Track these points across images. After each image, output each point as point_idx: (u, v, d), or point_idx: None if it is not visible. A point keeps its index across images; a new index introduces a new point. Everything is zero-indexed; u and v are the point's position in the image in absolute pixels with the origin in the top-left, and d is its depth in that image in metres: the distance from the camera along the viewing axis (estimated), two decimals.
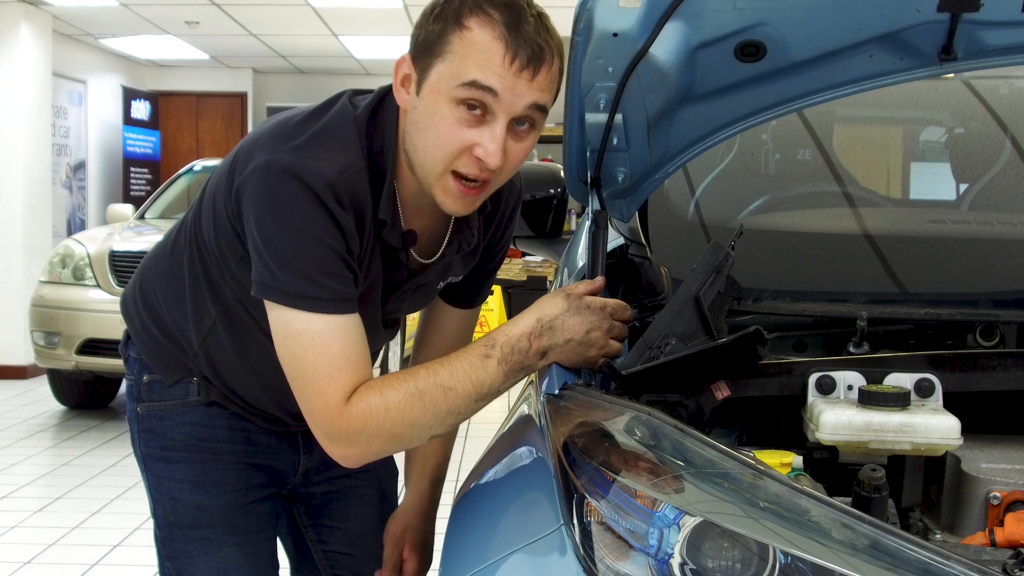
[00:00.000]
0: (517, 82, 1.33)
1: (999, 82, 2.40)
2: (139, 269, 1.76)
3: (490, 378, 1.38)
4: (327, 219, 1.35)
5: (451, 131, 1.35)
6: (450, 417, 1.38)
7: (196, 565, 1.71)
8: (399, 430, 1.36)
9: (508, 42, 1.31)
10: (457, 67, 1.32)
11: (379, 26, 9.33)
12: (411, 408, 1.35)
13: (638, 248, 1.96)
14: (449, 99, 1.34)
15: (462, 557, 1.33)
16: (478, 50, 1.31)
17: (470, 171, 1.38)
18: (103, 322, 6.16)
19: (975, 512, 1.42)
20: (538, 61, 1.33)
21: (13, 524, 4.51)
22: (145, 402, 1.72)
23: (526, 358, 1.40)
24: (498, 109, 1.34)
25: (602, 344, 1.44)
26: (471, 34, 1.32)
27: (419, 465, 1.82)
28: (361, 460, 1.41)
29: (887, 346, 1.78)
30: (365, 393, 1.36)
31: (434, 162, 1.38)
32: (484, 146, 1.35)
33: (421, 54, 1.37)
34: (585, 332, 1.42)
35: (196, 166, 8.21)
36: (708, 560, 1.01)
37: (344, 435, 1.37)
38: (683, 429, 1.21)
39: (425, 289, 1.64)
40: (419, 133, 1.39)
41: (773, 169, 2.50)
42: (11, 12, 8.06)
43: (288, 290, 1.36)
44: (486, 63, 1.31)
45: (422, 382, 1.36)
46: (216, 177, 1.54)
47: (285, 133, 1.43)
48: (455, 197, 1.41)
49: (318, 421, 1.38)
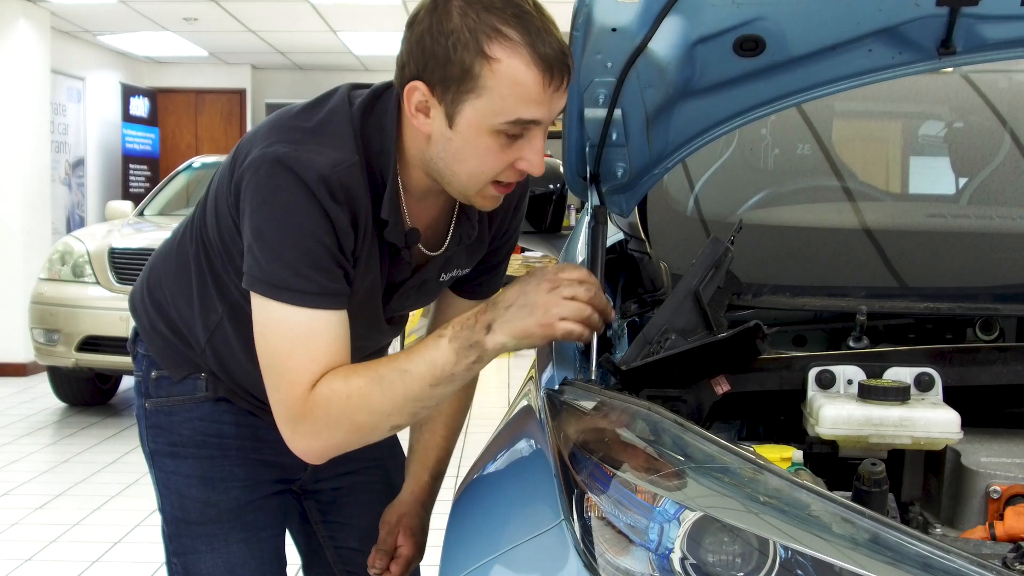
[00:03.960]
0: (554, 98, 1.34)
1: (998, 76, 2.40)
2: (147, 266, 1.77)
3: (442, 356, 1.36)
4: (318, 213, 1.36)
5: (497, 157, 1.37)
6: (408, 403, 1.37)
7: (203, 561, 1.71)
8: (359, 417, 1.37)
9: (542, 66, 1.30)
10: (498, 105, 1.32)
11: (378, 22, 9.32)
12: (370, 392, 1.35)
13: (637, 243, 1.96)
14: (491, 132, 1.34)
15: (463, 553, 1.33)
16: (515, 82, 1.31)
17: (512, 179, 1.41)
18: (103, 319, 6.16)
19: (975, 506, 1.42)
20: (566, 68, 1.34)
21: (14, 521, 4.51)
22: (153, 398, 1.72)
23: (473, 333, 1.36)
24: (538, 127, 1.36)
25: (544, 304, 1.35)
26: (502, 67, 1.30)
27: (420, 457, 1.83)
28: (323, 453, 1.42)
29: (887, 340, 1.78)
30: (330, 378, 1.36)
31: (478, 183, 1.40)
32: (528, 159, 1.37)
33: (443, 85, 1.34)
34: (522, 295, 1.36)
35: (195, 162, 8.21)
36: (708, 555, 1.01)
37: (307, 422, 1.37)
38: (683, 424, 1.21)
39: (428, 285, 1.64)
40: (458, 163, 1.39)
41: (772, 164, 2.50)
42: (9, 9, 8.05)
43: (273, 282, 1.36)
44: (527, 96, 1.32)
45: (383, 367, 1.37)
46: (219, 172, 1.55)
47: (283, 126, 1.44)
48: (493, 199, 1.44)
49: (285, 409, 1.39)
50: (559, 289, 1.36)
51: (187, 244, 1.64)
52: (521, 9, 1.31)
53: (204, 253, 1.59)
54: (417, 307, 1.73)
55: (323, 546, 1.92)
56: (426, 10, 1.35)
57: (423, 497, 1.82)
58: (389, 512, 1.80)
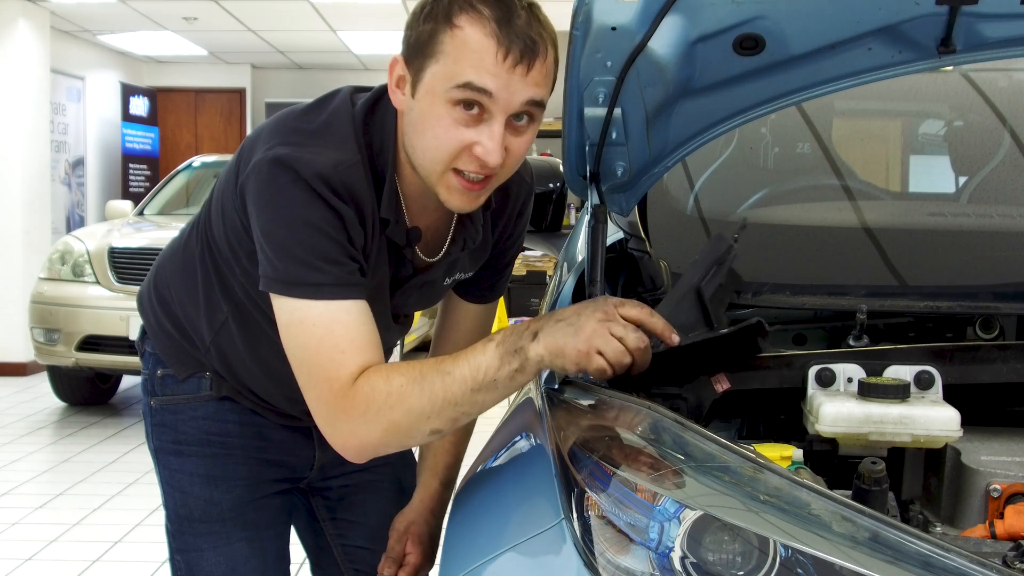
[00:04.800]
0: (512, 79, 1.32)
1: (998, 75, 2.40)
2: (154, 265, 1.78)
3: (486, 360, 1.31)
4: (323, 207, 1.36)
5: (449, 132, 1.34)
6: (448, 407, 1.32)
7: (205, 559, 1.71)
8: (397, 417, 1.33)
9: (500, 39, 1.30)
10: (451, 68, 1.32)
11: (377, 21, 9.32)
12: (410, 392, 1.31)
13: (637, 242, 1.96)
14: (445, 100, 1.33)
15: (463, 552, 1.33)
16: (470, 49, 1.31)
17: (471, 168, 1.37)
18: (103, 318, 6.16)
19: (975, 504, 1.42)
20: (532, 55, 1.32)
21: (14, 521, 4.52)
22: (159, 396, 1.73)
23: (520, 339, 1.31)
24: (495, 108, 1.33)
25: (589, 333, 1.29)
26: (462, 33, 1.31)
27: (430, 464, 1.82)
28: (362, 451, 1.38)
29: (887, 339, 1.78)
30: (371, 375, 1.34)
31: (434, 162, 1.38)
32: (483, 145, 1.34)
33: (413, 55, 1.36)
34: (575, 314, 1.32)
35: (195, 162, 8.21)
36: (709, 553, 1.01)
37: (346, 419, 1.35)
38: (683, 422, 1.21)
39: (431, 286, 1.64)
40: (417, 135, 1.38)
41: (772, 163, 2.50)
42: (9, 9, 8.05)
43: (288, 279, 1.36)
44: (479, 63, 1.30)
45: (425, 367, 1.34)
46: (224, 174, 1.56)
47: (285, 128, 1.44)
48: (459, 193, 1.40)
49: (323, 405, 1.37)
50: (612, 324, 1.30)
51: (193, 244, 1.65)
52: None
53: (209, 253, 1.60)
54: (420, 307, 1.73)
55: (331, 544, 1.92)
56: None
57: (432, 505, 1.81)
58: (399, 519, 1.80)
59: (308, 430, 1.77)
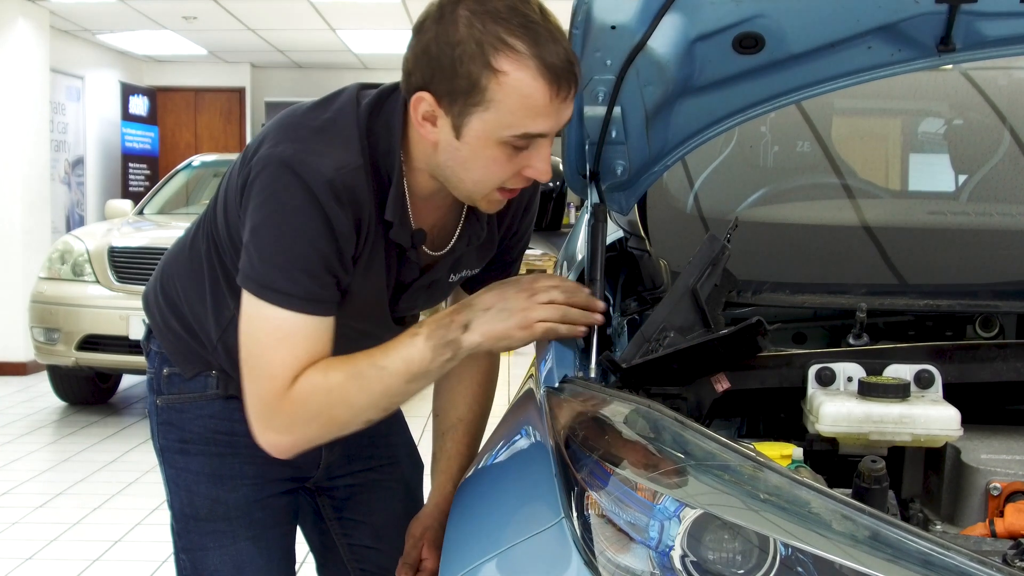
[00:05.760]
0: (562, 109, 1.35)
1: (998, 73, 2.40)
2: (160, 264, 1.78)
3: (419, 353, 1.41)
4: (319, 219, 1.37)
5: (503, 167, 1.38)
6: (384, 399, 1.42)
7: (210, 558, 1.71)
8: (337, 412, 1.41)
9: (549, 78, 1.30)
10: (506, 118, 1.32)
11: (377, 20, 9.32)
12: (349, 388, 1.40)
13: (637, 241, 1.96)
14: (499, 143, 1.35)
15: (463, 551, 1.33)
16: (523, 95, 1.31)
17: (518, 185, 1.42)
18: (103, 318, 6.16)
19: (975, 503, 1.42)
20: (573, 78, 1.33)
21: (14, 520, 4.52)
22: (165, 395, 1.73)
23: (449, 331, 1.43)
24: (547, 133, 1.37)
25: (522, 308, 1.43)
26: (508, 79, 1.30)
27: (444, 467, 1.81)
28: (293, 449, 1.45)
29: (887, 338, 1.78)
30: (309, 373, 1.39)
31: (484, 189, 1.42)
32: (535, 167, 1.38)
33: (450, 98, 1.34)
34: (500, 299, 1.44)
35: (194, 161, 8.20)
36: (709, 552, 1.01)
37: (282, 417, 1.41)
38: (683, 421, 1.21)
39: (437, 285, 1.64)
40: (465, 171, 1.40)
41: (772, 161, 2.50)
42: (8, 8, 8.05)
43: (263, 282, 1.39)
44: (535, 110, 1.32)
45: (360, 363, 1.41)
46: (230, 171, 1.56)
47: (290, 125, 1.45)
48: (497, 203, 1.46)
49: (260, 401, 1.41)
50: (536, 296, 1.45)
51: (199, 242, 1.65)
52: (528, 19, 1.30)
53: (215, 250, 1.60)
54: (427, 307, 1.74)
55: (337, 544, 1.92)
56: (432, 19, 1.34)
57: (447, 508, 1.80)
58: (414, 524, 1.79)
59: None
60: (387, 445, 1.87)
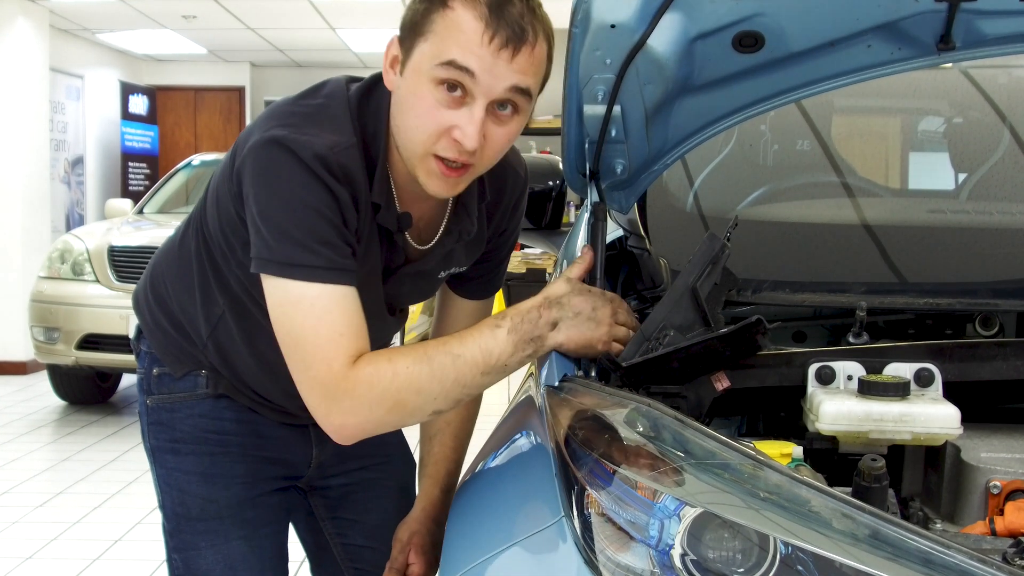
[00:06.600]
0: (496, 63, 1.32)
1: (997, 71, 2.39)
2: (150, 264, 1.78)
3: (499, 346, 1.38)
4: (320, 188, 1.36)
5: (430, 112, 1.35)
6: (456, 388, 1.38)
7: (203, 557, 1.71)
8: (404, 396, 1.35)
9: (488, 21, 1.31)
10: (437, 47, 1.33)
11: (376, 19, 9.32)
12: (419, 372, 1.35)
13: (637, 240, 1.96)
14: (429, 79, 1.34)
15: (463, 550, 1.33)
16: (459, 30, 1.32)
17: (449, 154, 1.37)
18: (102, 317, 6.16)
19: (975, 501, 1.42)
20: (519, 41, 1.32)
21: (14, 520, 4.52)
22: (155, 395, 1.73)
23: (536, 327, 1.41)
24: (477, 91, 1.34)
25: (609, 323, 1.45)
26: (453, 13, 1.33)
27: (431, 472, 1.81)
28: (358, 432, 1.40)
29: (887, 336, 1.78)
30: (373, 357, 1.36)
31: (415, 143, 1.39)
32: (461, 128, 1.35)
33: (407, 35, 1.38)
34: (592, 309, 1.45)
35: (194, 160, 8.21)
36: (709, 551, 1.01)
37: (347, 399, 1.35)
38: (683, 420, 1.21)
39: (425, 277, 1.63)
40: (401, 114, 1.40)
41: (772, 160, 2.50)
42: (8, 7, 8.04)
43: (284, 260, 1.36)
44: (465, 42, 1.32)
45: (432, 349, 1.38)
46: (220, 165, 1.56)
47: (280, 112, 1.45)
48: (437, 178, 1.41)
49: (320, 386, 1.36)
50: (618, 314, 1.48)
51: (189, 239, 1.65)
52: None
53: (206, 247, 1.60)
54: (415, 300, 1.73)
55: (331, 543, 1.92)
56: None
57: (435, 513, 1.79)
58: (401, 529, 1.79)
59: (306, 428, 1.77)
60: (380, 444, 1.87)
